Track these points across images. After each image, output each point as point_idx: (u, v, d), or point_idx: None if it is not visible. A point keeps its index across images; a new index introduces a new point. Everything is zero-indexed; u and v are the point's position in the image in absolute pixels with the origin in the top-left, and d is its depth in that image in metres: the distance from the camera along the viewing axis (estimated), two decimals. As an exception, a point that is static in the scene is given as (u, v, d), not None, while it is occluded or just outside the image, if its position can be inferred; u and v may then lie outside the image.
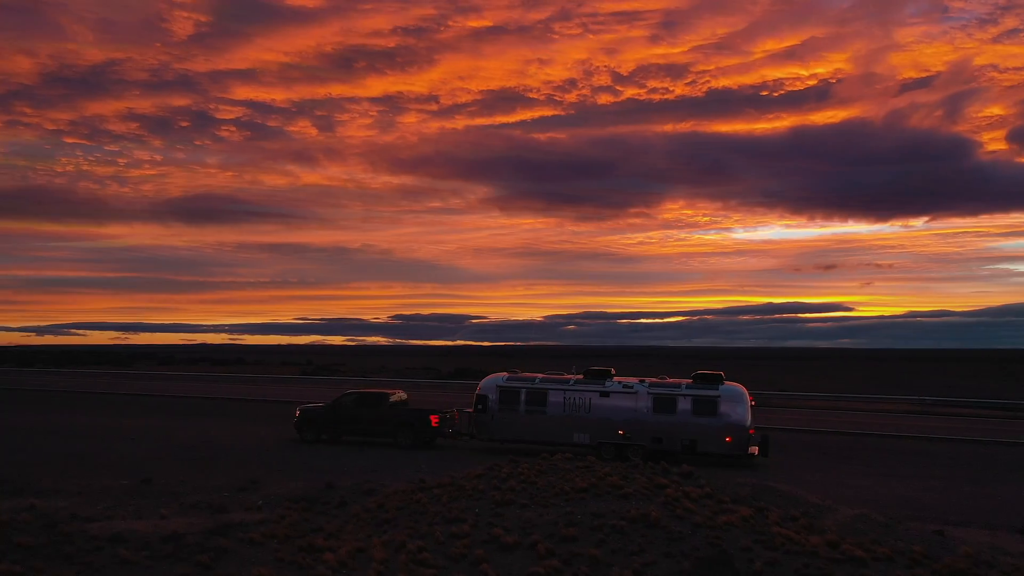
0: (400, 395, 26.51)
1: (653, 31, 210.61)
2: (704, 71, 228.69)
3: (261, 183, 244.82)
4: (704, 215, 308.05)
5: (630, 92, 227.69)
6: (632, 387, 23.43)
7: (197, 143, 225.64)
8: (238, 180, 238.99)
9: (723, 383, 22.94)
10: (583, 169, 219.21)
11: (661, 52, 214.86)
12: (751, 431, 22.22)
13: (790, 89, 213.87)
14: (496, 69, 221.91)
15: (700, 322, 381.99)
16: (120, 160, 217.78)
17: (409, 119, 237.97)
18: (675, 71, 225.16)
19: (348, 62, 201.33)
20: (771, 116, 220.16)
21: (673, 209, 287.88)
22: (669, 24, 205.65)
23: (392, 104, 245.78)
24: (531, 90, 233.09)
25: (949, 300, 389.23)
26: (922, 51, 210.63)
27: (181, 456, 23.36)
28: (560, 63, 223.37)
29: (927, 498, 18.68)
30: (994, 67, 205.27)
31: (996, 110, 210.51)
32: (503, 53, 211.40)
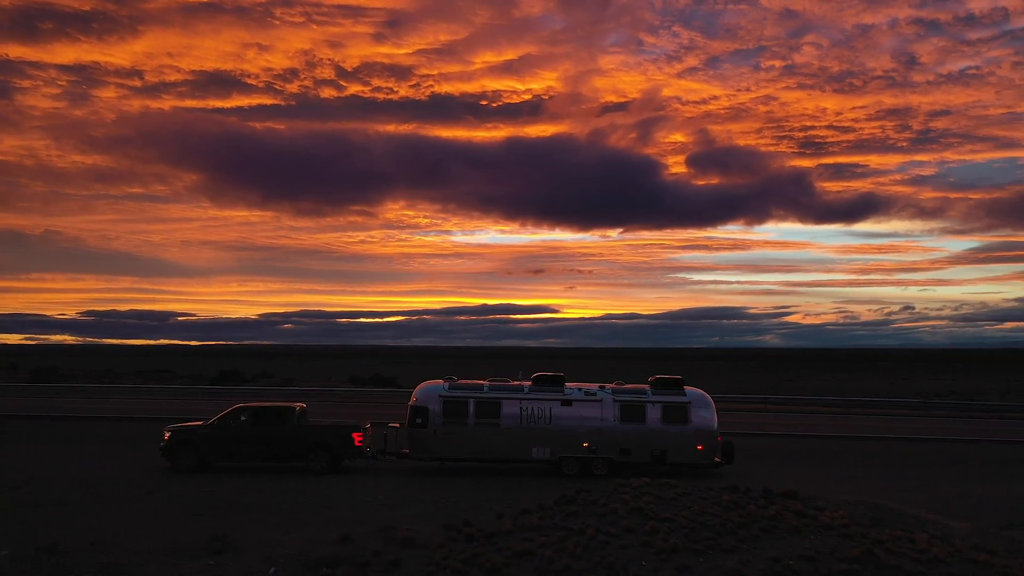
0: (302, 408, 21.79)
1: (378, 29, 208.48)
2: (427, 75, 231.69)
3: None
4: (424, 217, 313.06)
5: (354, 88, 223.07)
6: (595, 394, 21.39)
7: None
8: None
9: (684, 387, 21.81)
10: (303, 163, 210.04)
11: (386, 51, 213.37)
12: (719, 438, 21.33)
13: (507, 101, 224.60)
14: (210, 49, 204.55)
15: (419, 322, 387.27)
16: None
17: (106, 93, 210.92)
18: (399, 72, 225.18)
19: (31, 21, 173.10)
20: (489, 125, 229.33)
21: (394, 209, 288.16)
22: (394, 24, 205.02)
23: (86, 75, 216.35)
24: (249, 76, 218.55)
25: (638, 304, 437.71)
26: (621, 78, 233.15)
27: (44, 501, 16.83)
28: (281, 51, 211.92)
29: (916, 498, 18.69)
30: (678, 99, 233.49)
31: (679, 137, 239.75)
32: (218, 33, 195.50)
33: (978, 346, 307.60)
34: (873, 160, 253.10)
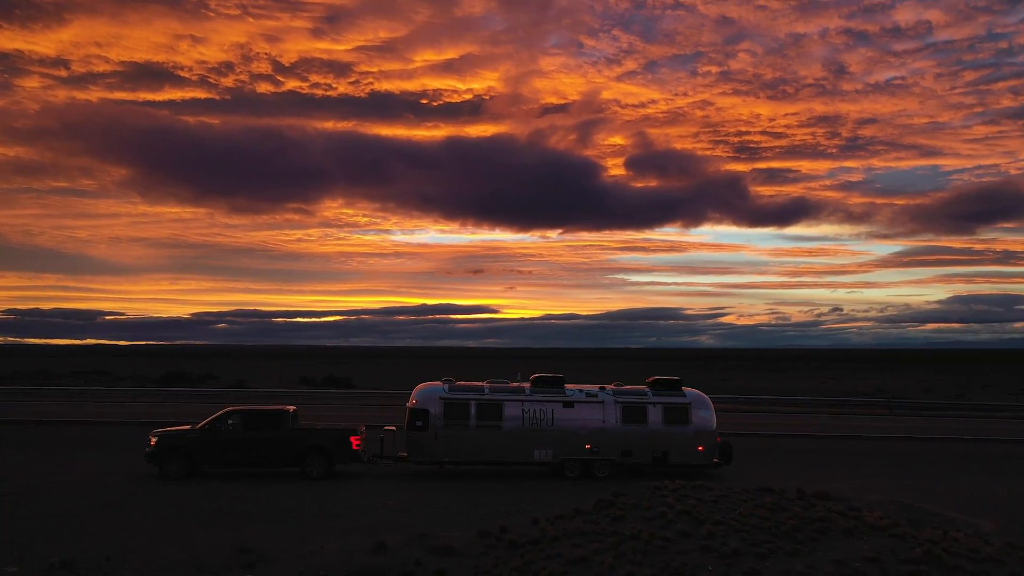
0: (294, 411, 20.97)
1: (316, 24, 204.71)
2: (367, 72, 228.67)
3: None
4: (363, 215, 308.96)
5: (291, 84, 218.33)
6: (596, 395, 21.20)
7: None
8: None
9: (683, 388, 21.81)
10: (238, 159, 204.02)
11: (324, 47, 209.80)
12: (718, 438, 21.38)
13: (448, 100, 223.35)
14: (141, 40, 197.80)
15: (357, 321, 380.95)
16: None
17: (30, 83, 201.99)
18: (338, 68, 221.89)
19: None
20: (430, 124, 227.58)
21: (332, 207, 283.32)
22: (332, 19, 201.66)
23: (8, 64, 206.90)
24: (182, 68, 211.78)
25: (577, 304, 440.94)
26: (561, 80, 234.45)
27: (37, 512, 15.69)
28: (216, 43, 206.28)
29: (923, 496, 19.07)
30: (617, 102, 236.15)
31: (618, 139, 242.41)
32: (149, 23, 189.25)
33: (902, 346, 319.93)
34: (804, 166, 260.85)
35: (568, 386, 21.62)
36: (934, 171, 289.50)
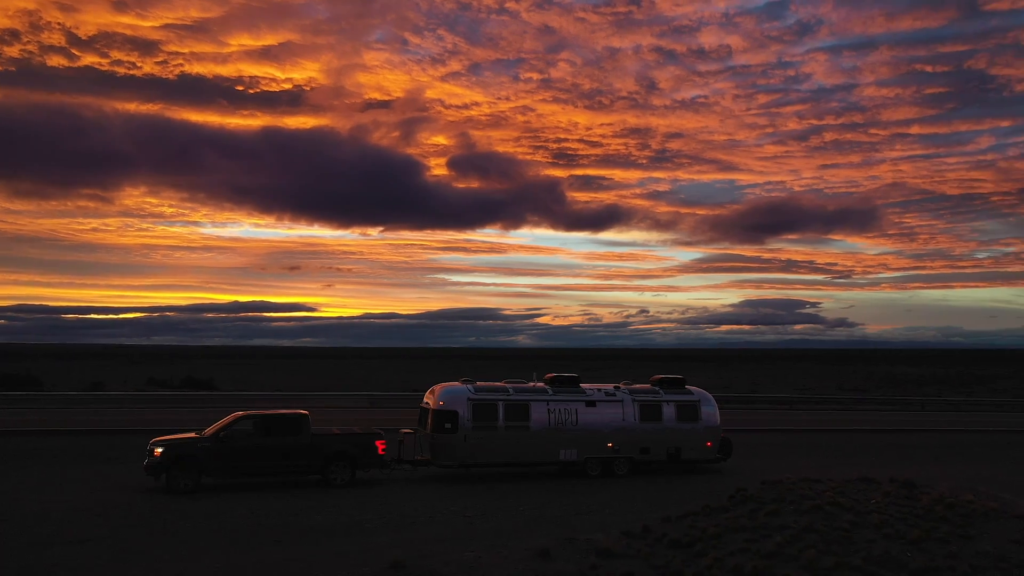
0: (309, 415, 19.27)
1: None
2: (176, 53, 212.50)
3: None
4: (169, 206, 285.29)
5: (89, 59, 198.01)
6: (614, 394, 21.35)
7: None
8: None
9: (687, 386, 22.51)
10: (22, 137, 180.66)
11: (128, 22, 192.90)
12: (722, 434, 22.25)
13: (265, 89, 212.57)
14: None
15: (161, 319, 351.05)
16: None
17: None
18: (143, 46, 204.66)
19: None
20: (245, 112, 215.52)
21: (134, 195, 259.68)
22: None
23: None
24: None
25: (397, 304, 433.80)
26: (385, 76, 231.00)
27: (57, 539, 13.27)
28: (0, 8, 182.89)
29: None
30: (441, 102, 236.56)
31: (441, 139, 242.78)
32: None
33: (700, 346, 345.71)
34: (617, 174, 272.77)
35: (584, 385, 21.64)
36: (731, 185, 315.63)
